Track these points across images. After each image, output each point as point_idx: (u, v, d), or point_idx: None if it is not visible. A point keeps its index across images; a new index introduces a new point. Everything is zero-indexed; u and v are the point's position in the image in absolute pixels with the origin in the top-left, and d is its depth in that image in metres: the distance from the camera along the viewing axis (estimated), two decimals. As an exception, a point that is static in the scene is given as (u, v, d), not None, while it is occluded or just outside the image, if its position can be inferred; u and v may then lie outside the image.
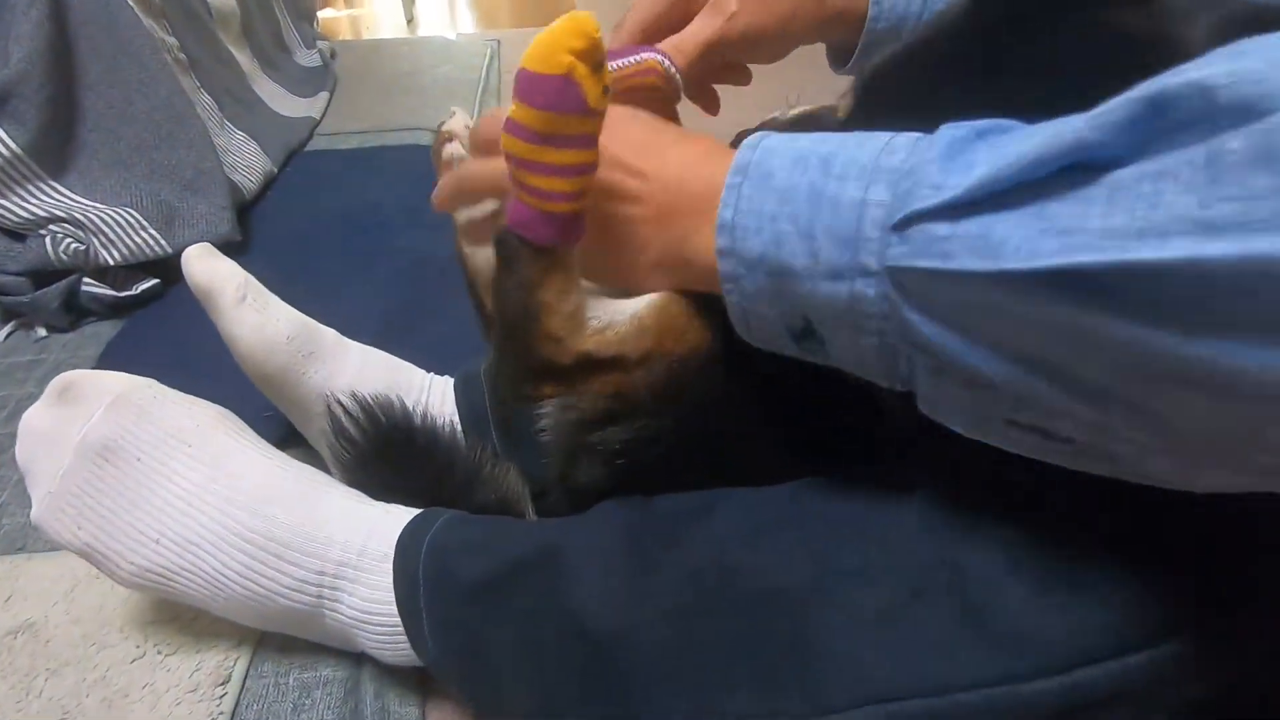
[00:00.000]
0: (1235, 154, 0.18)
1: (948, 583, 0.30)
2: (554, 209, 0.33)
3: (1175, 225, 0.18)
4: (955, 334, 0.24)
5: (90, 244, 0.79)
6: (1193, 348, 0.19)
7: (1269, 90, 0.17)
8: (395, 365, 0.62)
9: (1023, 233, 0.21)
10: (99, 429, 0.43)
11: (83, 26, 0.81)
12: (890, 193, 0.25)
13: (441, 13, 2.12)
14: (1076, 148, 0.21)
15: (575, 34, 0.29)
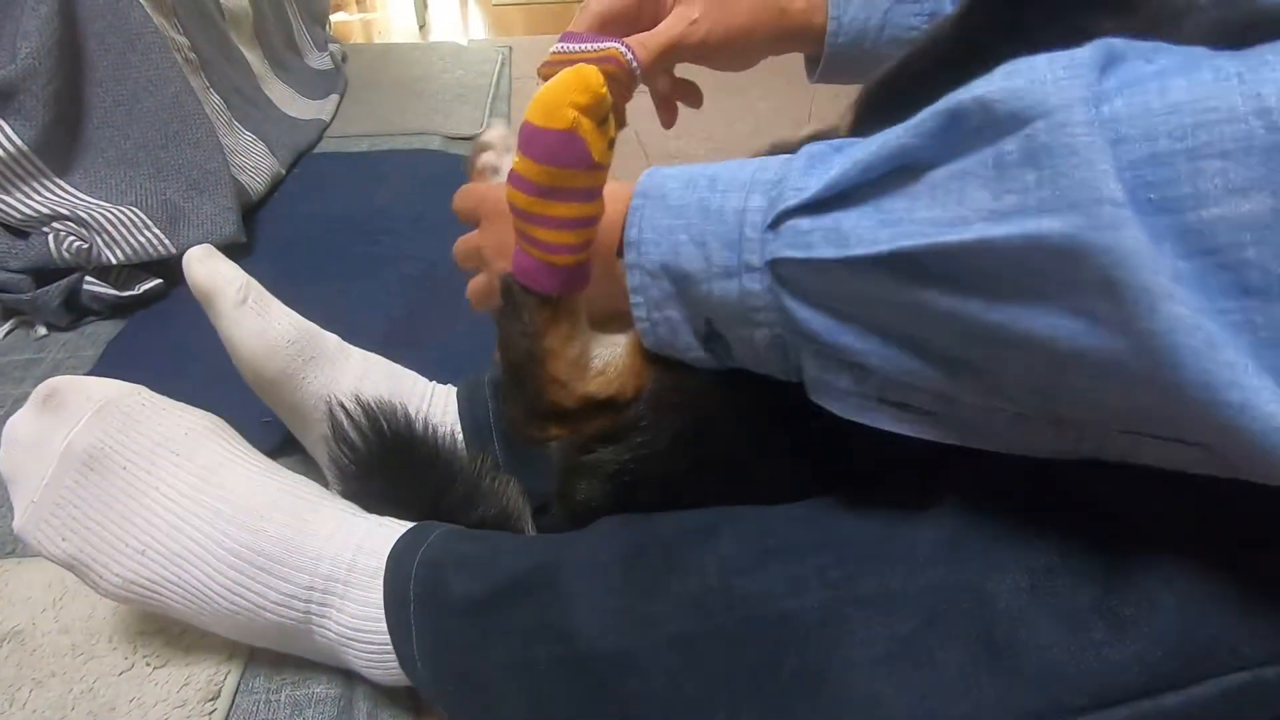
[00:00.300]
0: (1012, 155, 0.22)
1: (970, 613, 0.28)
2: (558, 261, 0.33)
3: (975, 215, 0.23)
4: (825, 315, 0.28)
5: (93, 242, 0.78)
6: (996, 314, 0.23)
7: (1029, 103, 0.21)
8: (397, 373, 0.60)
9: (865, 224, 0.26)
10: (84, 437, 0.42)
11: (92, 23, 0.81)
12: (765, 199, 0.29)
13: (454, 19, 2.12)
14: (900, 152, 0.25)
15: (579, 89, 0.29)
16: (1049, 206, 0.21)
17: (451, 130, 1.28)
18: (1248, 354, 0.19)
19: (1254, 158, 0.19)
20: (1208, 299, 0.19)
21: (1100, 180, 0.20)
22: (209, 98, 0.98)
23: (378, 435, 0.50)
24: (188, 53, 0.95)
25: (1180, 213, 0.20)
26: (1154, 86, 0.20)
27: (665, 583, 0.35)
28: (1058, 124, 0.21)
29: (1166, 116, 0.20)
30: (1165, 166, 0.20)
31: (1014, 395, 0.26)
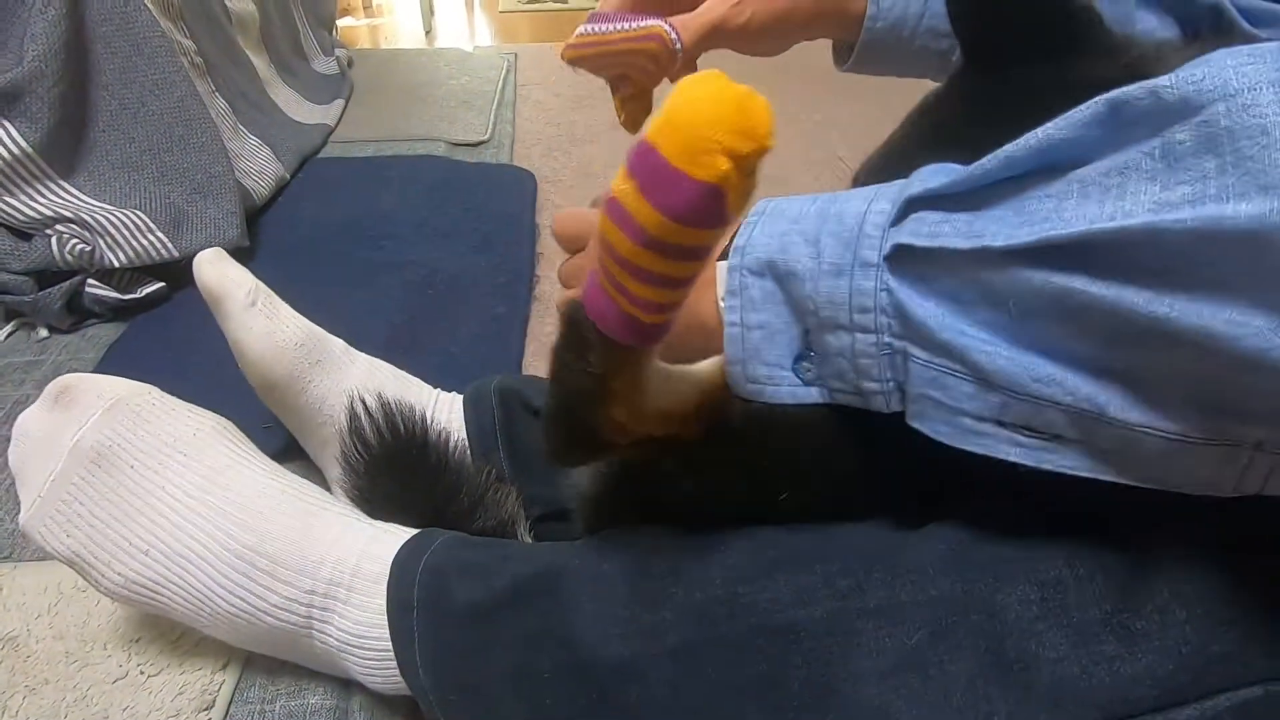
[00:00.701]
0: (1185, 144, 0.20)
1: (979, 626, 0.28)
2: (645, 318, 0.26)
3: (1141, 207, 0.21)
4: (946, 305, 0.25)
5: (96, 245, 0.78)
6: (1162, 307, 0.21)
7: (1204, 87, 0.20)
8: (402, 379, 0.60)
9: (1004, 224, 0.24)
10: (93, 434, 0.41)
11: (99, 26, 0.81)
12: (890, 203, 0.27)
13: (460, 25, 2.13)
14: (1048, 146, 0.23)
15: (744, 133, 0.21)
16: (1235, 191, 0.19)
17: (456, 136, 1.28)
18: None
19: None
20: None
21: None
22: (214, 102, 0.98)
23: (394, 435, 0.50)
24: (194, 57, 0.95)
25: None
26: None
27: (670, 592, 0.34)
28: (1242, 105, 0.19)
29: None
30: None
31: (1174, 409, 0.23)
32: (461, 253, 0.97)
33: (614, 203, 0.23)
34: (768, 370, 0.31)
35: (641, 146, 0.22)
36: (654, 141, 0.22)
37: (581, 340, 0.28)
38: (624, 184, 0.23)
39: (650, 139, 0.22)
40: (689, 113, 0.21)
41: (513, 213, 1.06)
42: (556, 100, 1.51)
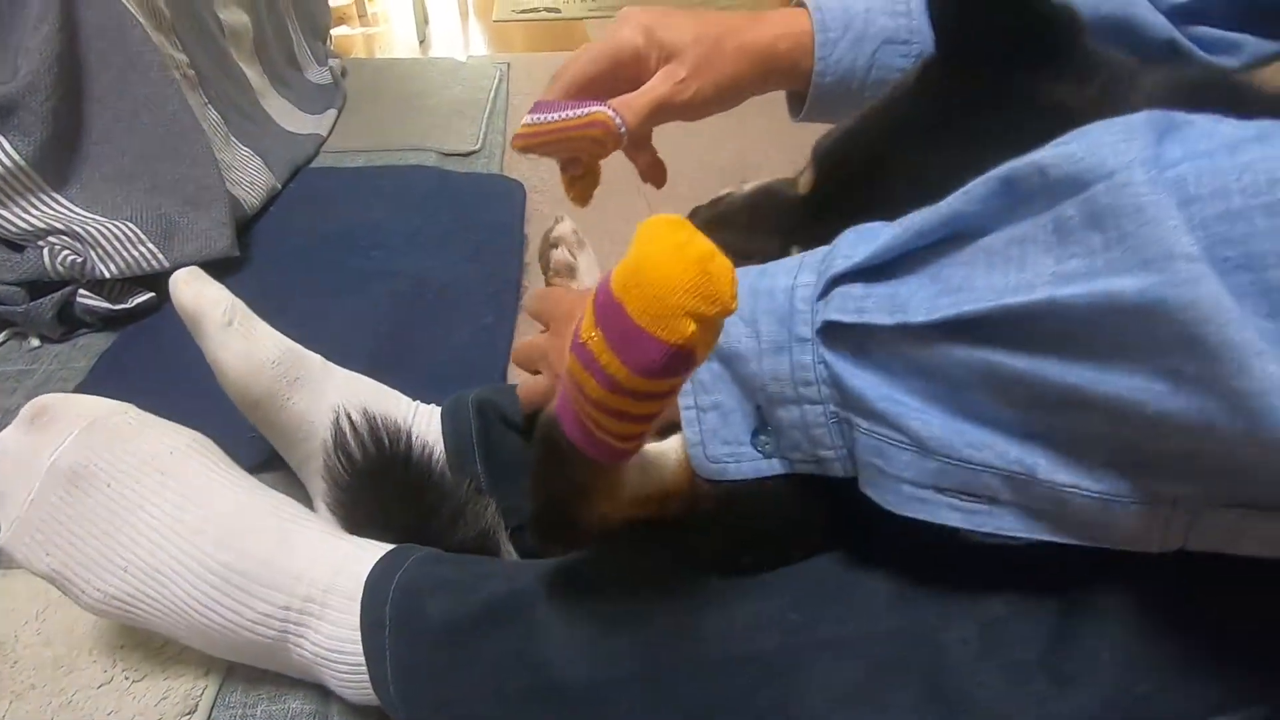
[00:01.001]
0: (1073, 219, 0.22)
1: (922, 661, 0.29)
2: (616, 444, 0.27)
3: (1040, 279, 0.22)
4: (878, 376, 0.27)
5: (88, 256, 0.79)
6: (1072, 375, 0.22)
7: (1087, 165, 0.21)
8: (381, 392, 0.61)
9: (923, 293, 0.25)
10: (70, 455, 0.43)
11: (93, 41, 0.82)
12: (815, 274, 0.28)
13: (454, 34, 2.14)
14: (953, 218, 0.25)
15: (708, 297, 0.21)
16: (1120, 267, 0.21)
17: (448, 147, 1.29)
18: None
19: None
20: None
21: (1171, 236, 0.20)
22: (207, 114, 1.00)
23: (377, 449, 0.51)
24: (186, 69, 0.96)
25: (1262, 270, 0.19)
26: (1223, 146, 0.20)
27: (635, 617, 0.36)
28: (1119, 184, 0.21)
29: (1240, 174, 0.19)
30: (1242, 222, 0.19)
31: (1097, 469, 0.24)
32: (451, 262, 0.98)
33: (583, 349, 0.24)
34: (728, 448, 0.32)
35: (609, 301, 0.22)
36: (621, 299, 0.22)
37: (560, 456, 0.29)
38: (592, 332, 0.23)
39: (618, 295, 0.22)
40: (654, 274, 0.21)
41: (502, 223, 1.08)
42: (548, 110, 1.52)
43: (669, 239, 0.21)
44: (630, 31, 0.47)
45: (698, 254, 0.21)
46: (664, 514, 0.34)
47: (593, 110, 0.45)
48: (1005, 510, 0.26)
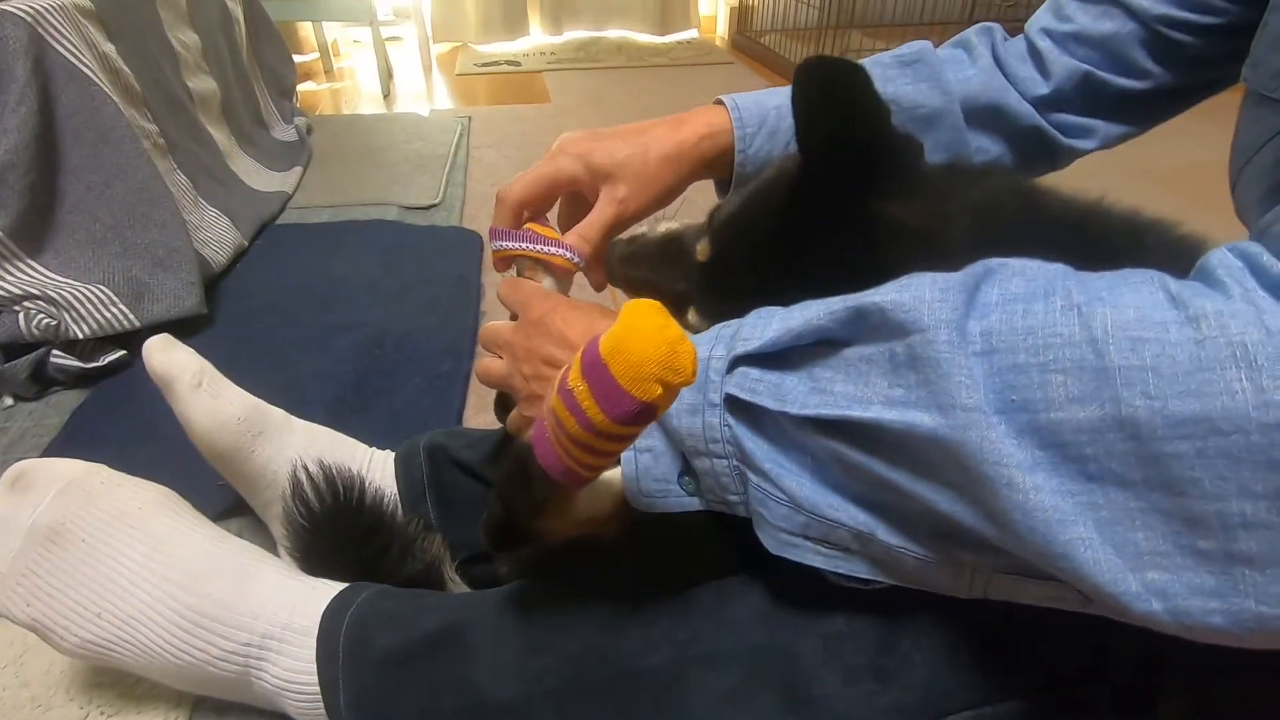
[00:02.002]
0: (900, 355, 0.28)
1: (781, 669, 0.36)
2: (582, 472, 0.33)
3: (875, 396, 0.29)
4: (766, 443, 0.32)
5: (61, 319, 0.84)
6: (894, 475, 0.28)
7: (913, 317, 0.27)
8: (338, 440, 0.67)
9: (800, 388, 0.31)
10: (48, 514, 0.48)
11: (68, 119, 0.88)
12: (725, 349, 0.34)
13: (419, 87, 2.22)
14: (821, 330, 0.31)
15: (674, 370, 0.27)
16: (923, 404, 0.27)
17: (409, 200, 1.36)
18: (1093, 530, 0.24)
19: (1086, 374, 0.24)
20: (1060, 482, 0.24)
21: (955, 389, 0.25)
22: (175, 178, 1.05)
23: (333, 497, 0.57)
24: (156, 139, 1.02)
25: (1035, 412, 0.24)
26: (1019, 309, 0.26)
27: (553, 641, 0.41)
28: (928, 340, 0.27)
29: (1026, 336, 0.25)
30: (1023, 375, 0.25)
31: (920, 537, 0.30)
32: (410, 313, 1.04)
33: (569, 394, 0.30)
34: (658, 485, 0.38)
35: (597, 361, 0.28)
36: (607, 362, 0.28)
37: (528, 476, 0.35)
38: (579, 382, 0.29)
39: (604, 358, 0.28)
40: (636, 347, 0.27)
41: (459, 274, 1.14)
42: (506, 162, 1.60)
43: (651, 321, 0.28)
44: (568, 161, 0.52)
45: (671, 337, 0.27)
46: (602, 534, 0.41)
47: (552, 251, 0.50)
48: (857, 558, 0.32)
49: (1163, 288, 0.24)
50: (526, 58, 2.48)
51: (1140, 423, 0.23)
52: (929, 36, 1.58)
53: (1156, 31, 0.51)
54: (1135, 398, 0.23)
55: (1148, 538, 0.23)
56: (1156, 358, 0.23)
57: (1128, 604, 0.23)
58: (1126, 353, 0.23)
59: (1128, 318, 0.24)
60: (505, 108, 1.99)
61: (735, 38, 2.74)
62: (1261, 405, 0.21)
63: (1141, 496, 0.23)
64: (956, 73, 0.55)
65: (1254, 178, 0.47)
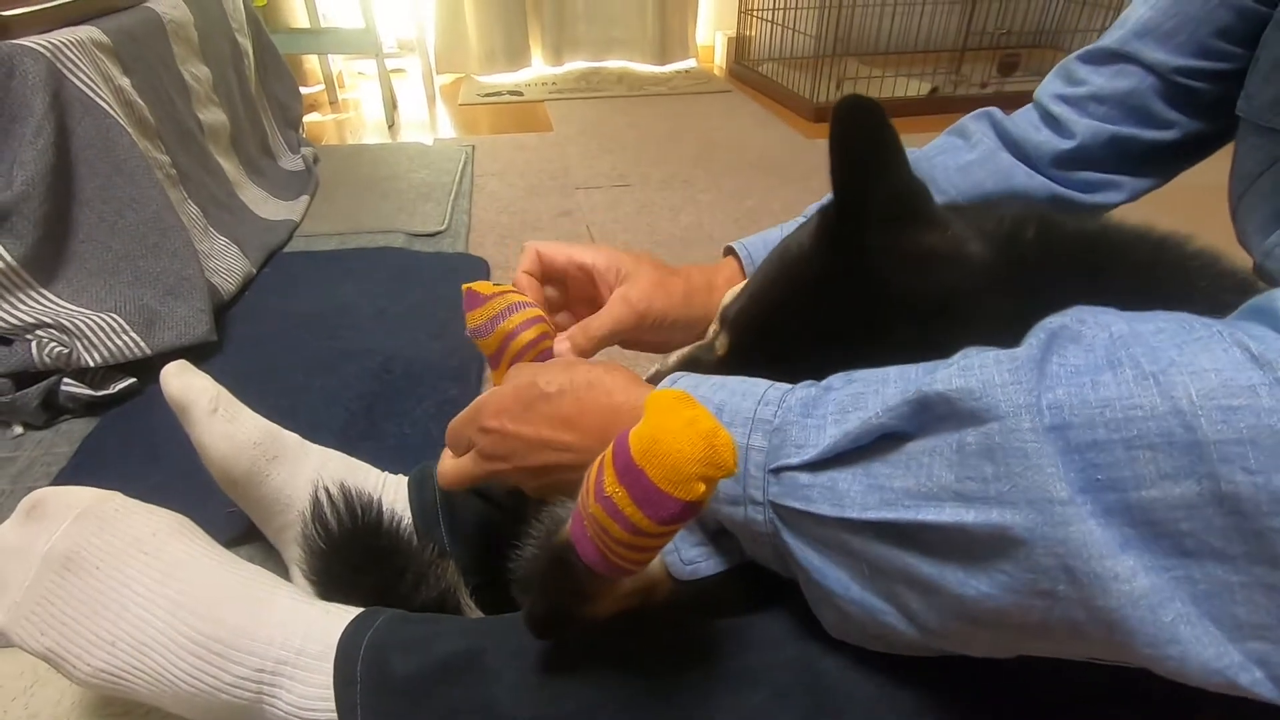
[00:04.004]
0: (971, 446, 0.26)
1: (809, 685, 0.35)
2: (627, 566, 0.32)
3: (943, 493, 0.27)
4: (818, 555, 0.31)
5: (74, 347, 0.85)
6: (970, 589, 0.26)
7: (985, 405, 0.26)
8: (352, 465, 0.67)
9: (856, 488, 0.29)
10: (62, 542, 0.47)
11: (83, 151, 0.89)
12: (766, 441, 0.33)
13: (422, 117, 2.25)
14: (880, 429, 0.29)
15: (716, 465, 0.27)
16: (1008, 500, 0.24)
17: (415, 228, 1.37)
18: (1189, 604, 0.23)
19: (1177, 450, 0.22)
20: (1153, 558, 0.23)
21: (1049, 483, 0.24)
22: (186, 208, 1.07)
23: (351, 519, 0.57)
24: (169, 169, 1.04)
25: (1124, 491, 0.23)
26: (1087, 381, 0.24)
27: (571, 664, 0.41)
28: (1009, 429, 0.25)
29: (1101, 410, 0.23)
30: (1106, 453, 0.23)
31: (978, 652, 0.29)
32: (417, 339, 1.04)
33: (609, 500, 0.29)
34: (697, 550, 0.38)
35: (631, 466, 0.27)
36: (642, 466, 0.27)
37: (574, 574, 0.35)
38: (616, 488, 0.28)
39: (639, 462, 0.27)
40: (671, 446, 0.26)
41: (466, 300, 1.15)
42: (510, 190, 1.62)
43: (680, 415, 0.27)
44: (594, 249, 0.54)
45: (705, 430, 0.27)
46: (647, 604, 0.40)
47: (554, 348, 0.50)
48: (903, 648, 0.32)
49: (1238, 344, 0.23)
50: (529, 88, 2.52)
51: (1242, 498, 0.22)
52: (923, 64, 1.63)
53: (1174, 82, 0.52)
54: (1235, 473, 0.22)
55: (1250, 611, 0.23)
56: (1253, 429, 0.22)
57: (1232, 677, 0.23)
58: (1219, 424, 0.22)
59: (1211, 384, 0.22)
60: (508, 137, 2.01)
61: (733, 67, 2.79)
62: None
63: (1243, 570, 0.22)
64: (954, 159, 0.57)
65: (1255, 204, 0.48)
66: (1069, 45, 2.67)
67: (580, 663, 0.41)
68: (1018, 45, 2.56)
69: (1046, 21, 2.77)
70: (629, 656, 0.40)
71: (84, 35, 0.90)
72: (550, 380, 0.44)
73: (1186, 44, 0.51)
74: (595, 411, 0.42)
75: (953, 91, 2.27)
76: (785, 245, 0.44)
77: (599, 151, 1.91)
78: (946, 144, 0.59)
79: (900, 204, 0.37)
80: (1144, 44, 0.53)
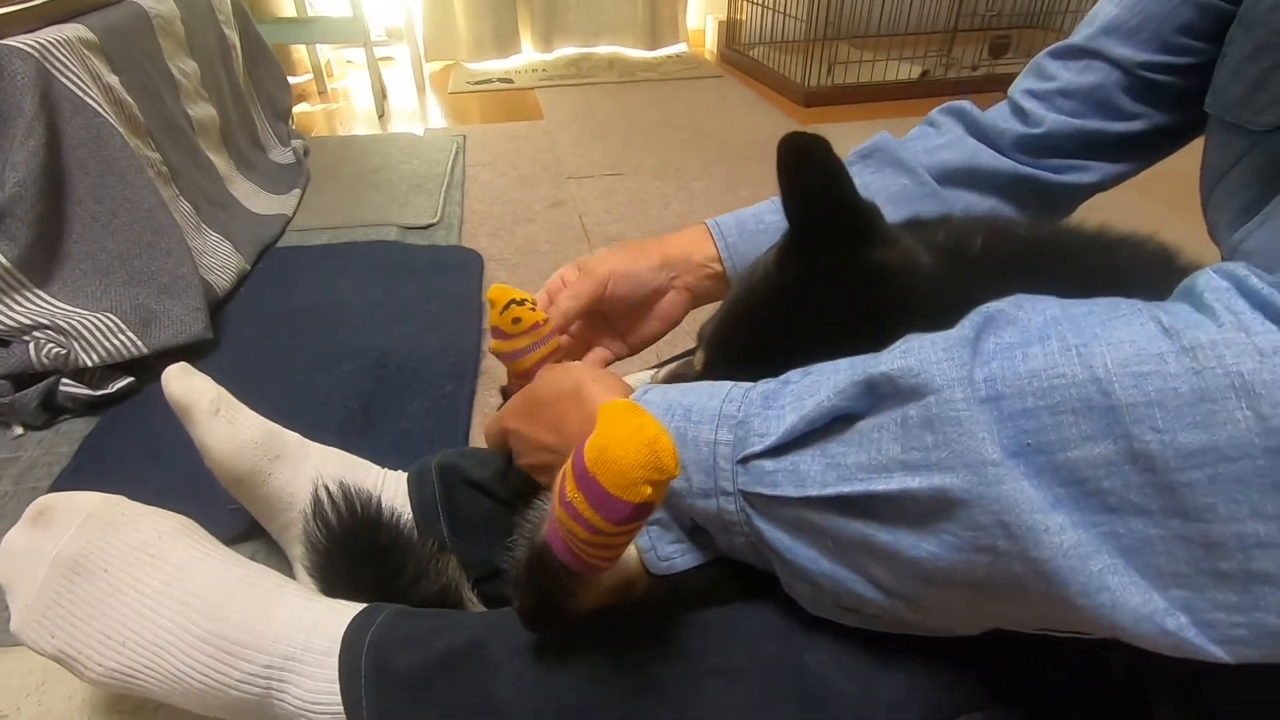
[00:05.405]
0: (913, 419, 0.28)
1: (795, 683, 0.37)
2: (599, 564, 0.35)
3: (891, 464, 0.29)
4: (788, 535, 0.33)
5: (71, 348, 0.85)
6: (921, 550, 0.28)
7: (923, 381, 0.28)
8: (351, 463, 0.68)
9: (816, 467, 0.32)
10: (70, 546, 0.49)
11: (74, 151, 0.89)
12: (732, 434, 0.35)
13: (412, 106, 2.24)
14: (833, 410, 0.31)
15: (659, 469, 0.29)
16: (947, 465, 0.27)
17: (407, 220, 1.37)
18: (1116, 555, 0.25)
19: (1095, 414, 0.24)
20: (1081, 515, 0.25)
21: (981, 446, 0.26)
22: (179, 205, 1.07)
23: (351, 516, 0.58)
24: (160, 166, 1.04)
25: (1052, 453, 0.25)
26: (1018, 353, 0.26)
27: (568, 658, 0.42)
28: (944, 400, 0.27)
29: (1030, 380, 0.26)
30: (1034, 418, 0.25)
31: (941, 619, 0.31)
32: (412, 334, 1.05)
33: (570, 505, 0.32)
34: (674, 547, 0.40)
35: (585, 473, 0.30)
36: (594, 473, 0.30)
37: (553, 571, 0.37)
38: (575, 494, 0.31)
39: (590, 470, 0.30)
40: (618, 453, 0.29)
41: (460, 294, 1.15)
42: (502, 180, 1.62)
43: (626, 424, 0.29)
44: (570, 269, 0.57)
45: (649, 437, 0.29)
46: (628, 598, 0.42)
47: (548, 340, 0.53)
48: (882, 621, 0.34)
49: (1153, 318, 0.25)
50: (519, 75, 2.51)
51: (1153, 455, 0.24)
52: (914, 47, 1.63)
53: (1139, 76, 0.53)
54: (1145, 433, 0.24)
55: (1170, 561, 0.24)
56: (1160, 391, 0.24)
57: (1159, 622, 0.24)
58: (1130, 389, 0.24)
59: (1125, 354, 0.25)
60: (499, 126, 2.01)
61: (724, 51, 2.78)
62: (1264, 431, 0.22)
63: (1160, 524, 0.24)
64: (922, 144, 0.58)
65: (1224, 199, 0.49)
66: (1060, 26, 2.66)
67: (578, 657, 0.43)
68: (1008, 26, 2.56)
69: (1037, 2, 2.76)
70: (625, 651, 0.42)
71: (71, 34, 0.90)
72: (546, 385, 0.47)
73: (1150, 40, 0.53)
74: (576, 419, 0.44)
75: (943, 74, 2.27)
76: (753, 267, 0.46)
77: (590, 139, 1.91)
78: (918, 133, 0.61)
79: (852, 225, 0.39)
80: (1110, 40, 0.54)
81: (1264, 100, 0.43)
